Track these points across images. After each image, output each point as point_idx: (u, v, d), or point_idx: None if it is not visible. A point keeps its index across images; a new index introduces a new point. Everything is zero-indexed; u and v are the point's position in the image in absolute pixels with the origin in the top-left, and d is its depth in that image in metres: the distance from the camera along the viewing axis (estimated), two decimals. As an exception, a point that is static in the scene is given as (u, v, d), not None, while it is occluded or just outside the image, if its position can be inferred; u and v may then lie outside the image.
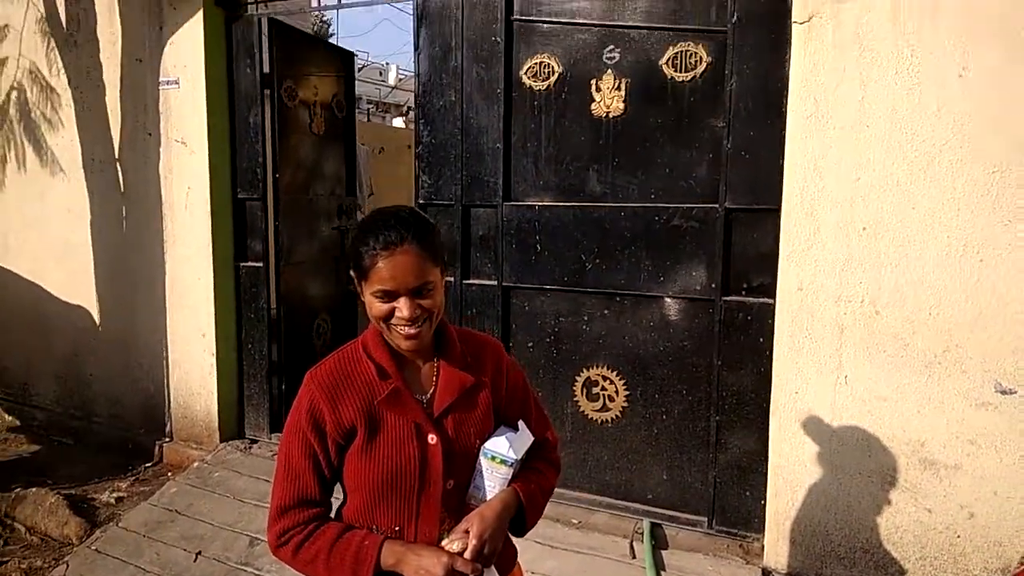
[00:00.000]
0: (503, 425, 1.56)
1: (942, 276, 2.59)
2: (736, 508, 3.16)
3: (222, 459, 3.92)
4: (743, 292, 3.06)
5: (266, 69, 4.02)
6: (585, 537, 3.19)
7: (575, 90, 3.28)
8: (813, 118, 2.70)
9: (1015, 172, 2.44)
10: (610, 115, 3.22)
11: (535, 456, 1.61)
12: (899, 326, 2.67)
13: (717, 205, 3.03)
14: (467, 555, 1.37)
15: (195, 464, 3.94)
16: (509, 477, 1.49)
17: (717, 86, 2.99)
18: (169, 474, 4.00)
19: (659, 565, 2.99)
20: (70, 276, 4.53)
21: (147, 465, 4.18)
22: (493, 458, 1.48)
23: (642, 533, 3.16)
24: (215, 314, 4.07)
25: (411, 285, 1.38)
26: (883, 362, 2.71)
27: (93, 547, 3.24)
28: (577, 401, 3.45)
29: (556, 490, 3.40)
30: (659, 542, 3.16)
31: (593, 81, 3.24)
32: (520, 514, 1.52)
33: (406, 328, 1.41)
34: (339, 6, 4.25)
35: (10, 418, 4.85)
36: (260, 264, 4.12)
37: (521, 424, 1.55)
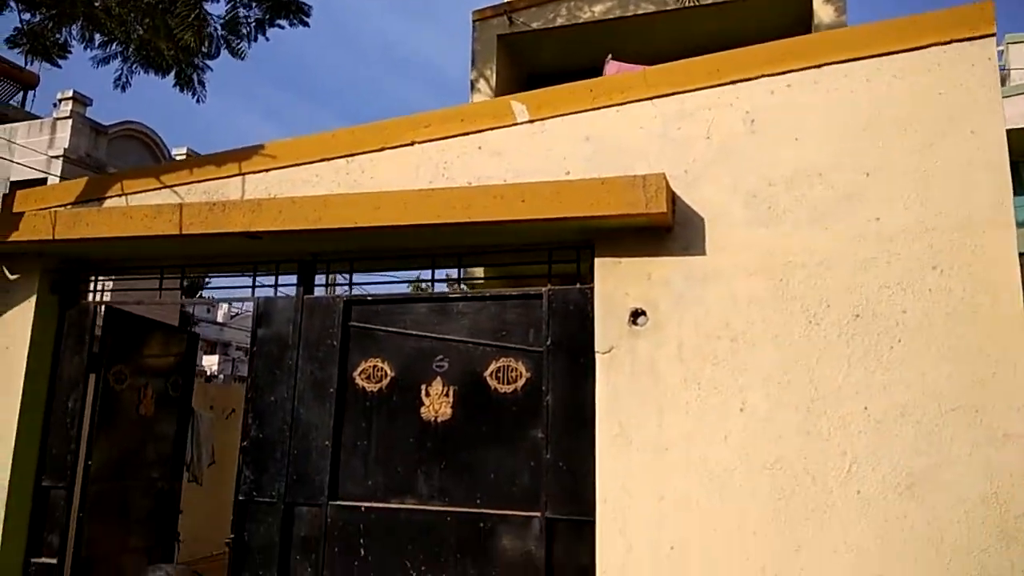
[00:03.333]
0: None
1: (747, 597, 2.67)
2: None
3: None
4: (567, 607, 3.01)
5: (96, 351, 3.94)
6: None
7: (406, 393, 3.38)
8: (619, 438, 2.89)
9: (798, 500, 2.66)
10: (438, 419, 3.31)
11: None
12: (712, 649, 2.68)
13: (539, 514, 3.07)
14: None
15: None
16: None
17: (536, 399, 3.18)
18: None
19: None
20: None
21: None
22: None
23: None
24: (-12, 625, 3.53)
25: None
26: None
27: None
28: None
29: None
30: None
31: (423, 386, 3.36)
32: None
33: None
34: (184, 301, 4.31)
35: None
36: (54, 561, 3.69)
37: None
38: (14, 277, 3.85)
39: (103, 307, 3.99)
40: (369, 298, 3.54)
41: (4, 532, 3.63)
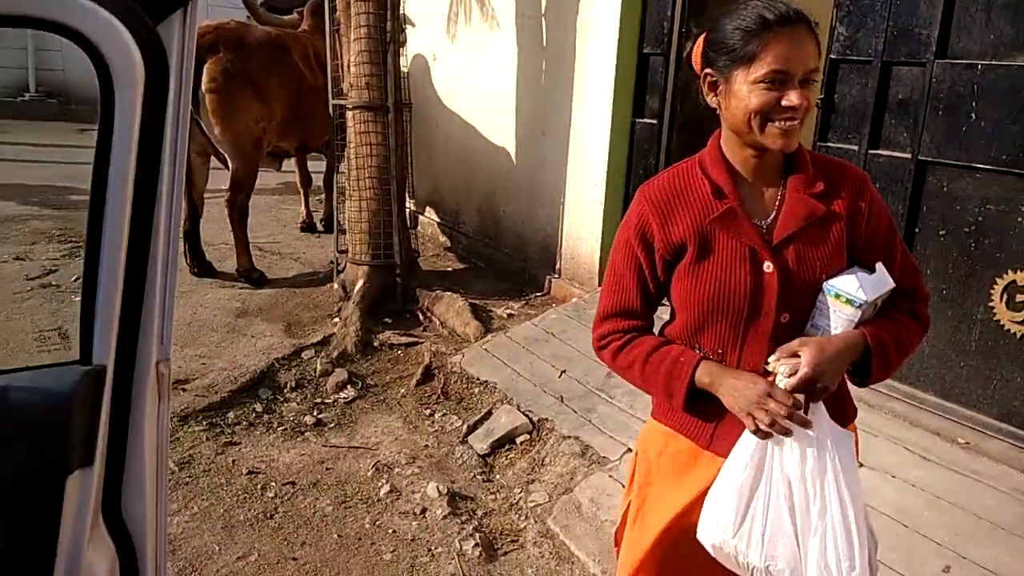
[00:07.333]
0: (857, 266, 1.37)
1: None
2: None
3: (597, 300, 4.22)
4: None
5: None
6: (970, 459, 2.75)
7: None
8: None
9: None
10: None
11: (895, 307, 1.40)
12: None
13: None
14: (792, 382, 1.27)
15: (574, 300, 4.33)
16: (856, 320, 1.31)
17: None
18: (552, 304, 4.46)
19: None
20: (495, 123, 5.14)
21: (536, 294, 4.71)
22: (838, 296, 1.31)
23: (1047, 474, 2.61)
24: (607, 168, 4.27)
25: (808, 67, 1.26)
26: None
27: (483, 346, 3.84)
28: (992, 307, 2.89)
29: (944, 404, 3.01)
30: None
31: None
32: (864, 363, 1.35)
33: (790, 122, 1.26)
34: None
35: (443, 239, 5.85)
36: (654, 122, 4.15)
37: (879, 267, 1.35)
38: None
39: None
40: None
41: (615, 94, 4.17)
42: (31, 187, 6.69)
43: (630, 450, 2.98)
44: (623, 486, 2.77)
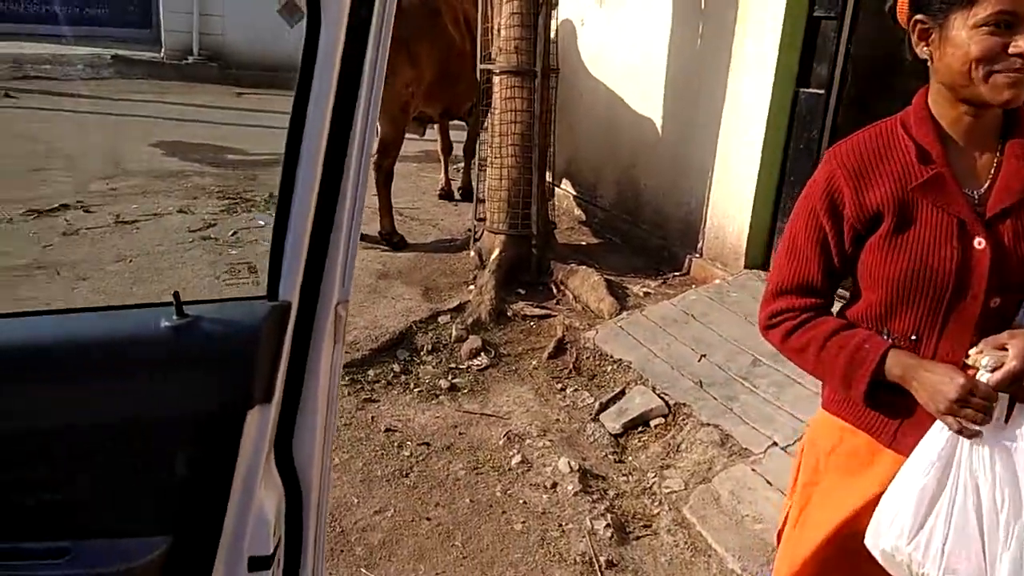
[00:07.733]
0: None
1: None
2: None
3: (742, 283, 4.00)
4: None
5: None
6: None
7: None
8: None
9: None
10: None
11: None
12: None
13: None
14: (997, 376, 1.10)
15: (716, 281, 4.12)
16: None
17: None
18: (692, 285, 4.27)
19: None
20: (642, 92, 4.95)
21: (675, 273, 4.53)
22: None
23: None
24: (764, 141, 4.01)
25: None
26: None
27: (618, 324, 3.73)
28: None
29: None
30: None
31: None
32: None
33: (1019, 72, 1.09)
34: None
35: (578, 212, 5.76)
36: (822, 91, 3.85)
37: None
38: None
39: None
40: None
41: (779, 61, 3.89)
42: (191, 144, 7.12)
43: (775, 444, 2.80)
44: (767, 482, 2.63)
